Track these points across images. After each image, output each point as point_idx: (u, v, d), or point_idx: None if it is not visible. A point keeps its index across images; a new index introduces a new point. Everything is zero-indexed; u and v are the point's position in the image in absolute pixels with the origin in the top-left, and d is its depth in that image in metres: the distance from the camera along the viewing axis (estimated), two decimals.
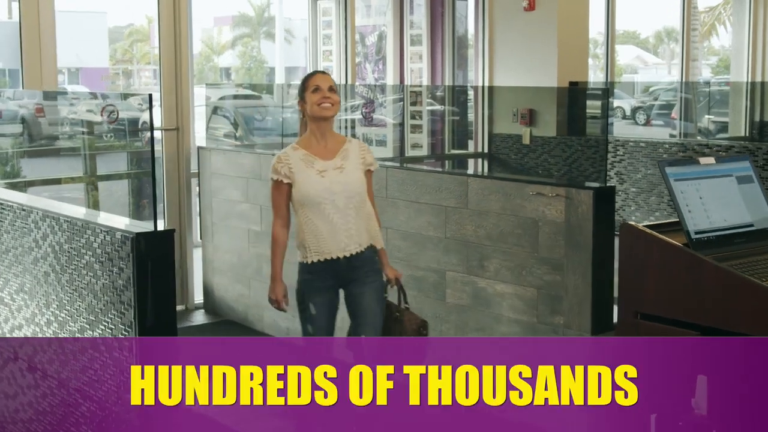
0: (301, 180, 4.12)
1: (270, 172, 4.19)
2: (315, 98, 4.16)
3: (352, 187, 4.16)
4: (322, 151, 4.19)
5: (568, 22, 8.41)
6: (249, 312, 6.96)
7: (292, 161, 4.15)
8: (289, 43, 18.49)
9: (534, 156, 7.96)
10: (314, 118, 4.19)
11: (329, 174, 4.15)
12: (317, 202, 4.11)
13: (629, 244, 2.99)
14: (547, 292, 4.94)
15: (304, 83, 4.23)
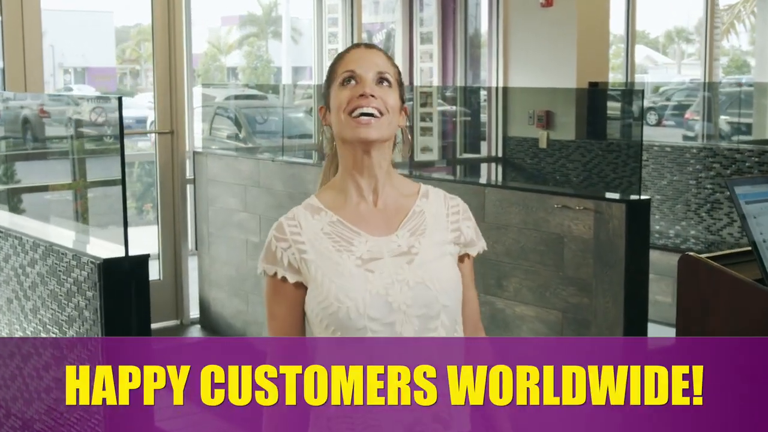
0: (327, 280, 2.04)
1: (262, 255, 2.13)
2: (344, 98, 2.08)
3: (435, 298, 2.04)
4: (369, 216, 2.11)
5: (588, 20, 7.98)
6: (248, 329, 6.50)
7: (306, 236, 2.08)
8: (296, 42, 18.12)
9: (551, 161, 7.53)
10: (346, 143, 2.09)
11: (386, 267, 2.05)
12: (359, 327, 2.01)
13: (690, 280, 2.51)
14: (573, 316, 4.46)
15: (332, 69, 2.15)
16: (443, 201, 2.17)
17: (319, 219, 2.10)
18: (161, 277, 6.93)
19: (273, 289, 2.12)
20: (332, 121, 2.10)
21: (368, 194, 2.11)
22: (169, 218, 6.97)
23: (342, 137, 2.08)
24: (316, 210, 2.11)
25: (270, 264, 2.10)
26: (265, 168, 6.29)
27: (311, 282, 2.06)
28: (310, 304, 2.07)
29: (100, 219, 5.57)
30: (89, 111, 6.21)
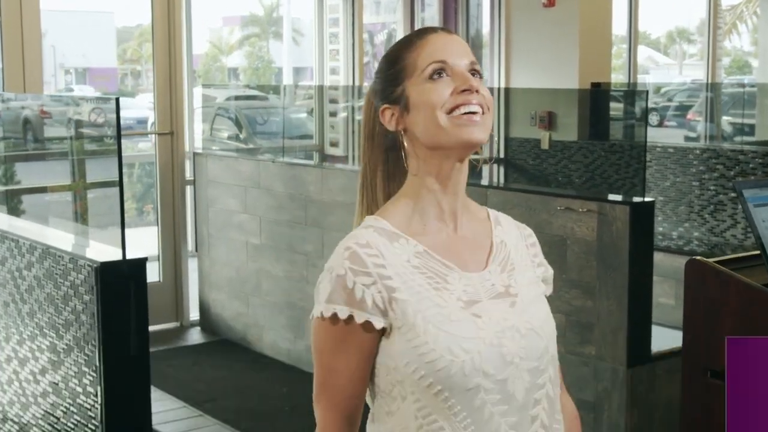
0: (432, 326, 1.64)
1: (324, 295, 1.68)
2: (442, 93, 1.69)
3: (546, 348, 1.74)
4: (453, 246, 1.75)
5: (590, 20, 7.93)
6: (248, 331, 6.46)
7: (393, 269, 1.67)
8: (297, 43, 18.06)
9: (553, 162, 7.48)
10: (438, 150, 1.71)
11: (490, 312, 1.70)
12: (470, 387, 1.64)
13: (697, 284, 2.46)
14: (576, 319, 4.41)
15: (402, 60, 1.74)
16: (517, 229, 1.86)
17: (401, 248, 1.68)
18: (161, 279, 6.89)
19: (340, 338, 1.66)
20: (417, 123, 1.69)
21: (449, 218, 1.73)
22: (168, 219, 6.93)
23: (437, 142, 1.68)
24: (392, 236, 1.69)
25: (343, 305, 1.64)
26: (266, 169, 6.24)
27: (404, 328, 1.63)
28: (403, 357, 1.63)
29: (99, 220, 5.52)
30: (89, 111, 6.17)
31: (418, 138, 1.70)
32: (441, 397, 1.62)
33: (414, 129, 1.70)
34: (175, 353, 6.34)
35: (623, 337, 4.23)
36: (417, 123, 1.69)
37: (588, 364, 4.38)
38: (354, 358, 1.67)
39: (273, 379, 5.76)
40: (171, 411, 5.25)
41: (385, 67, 1.76)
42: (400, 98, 1.71)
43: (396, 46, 1.77)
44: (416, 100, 1.69)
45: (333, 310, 1.64)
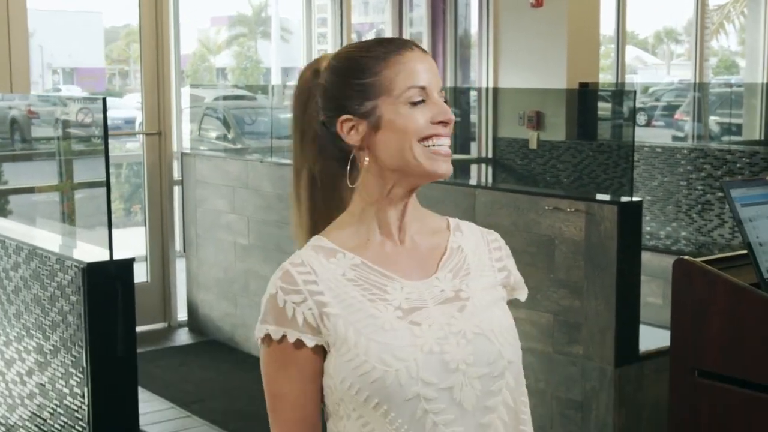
0: (364, 338, 1.60)
1: (261, 316, 1.65)
2: (421, 122, 1.64)
3: (499, 353, 1.67)
4: (397, 256, 1.70)
5: (578, 20, 7.94)
6: (236, 332, 6.44)
7: (324, 285, 1.64)
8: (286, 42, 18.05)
9: (542, 161, 7.49)
10: (398, 173, 1.66)
11: (433, 318, 1.65)
12: (409, 396, 1.58)
13: (685, 284, 2.46)
14: (564, 319, 4.42)
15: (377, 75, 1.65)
16: (480, 235, 1.79)
17: (337, 262, 1.64)
18: (149, 280, 6.87)
19: (280, 360, 1.62)
20: (386, 145, 1.63)
21: (395, 231, 1.68)
22: (156, 220, 6.91)
23: (402, 168, 1.63)
24: (329, 252, 1.65)
25: (277, 325, 1.61)
26: (254, 169, 6.23)
27: (338, 343, 1.60)
28: (339, 373, 1.59)
29: (87, 220, 5.50)
30: (76, 112, 6.15)
31: (380, 158, 1.64)
32: (380, 410, 1.57)
33: (380, 149, 1.64)
34: (163, 354, 6.32)
35: (611, 336, 4.23)
36: (387, 145, 1.63)
37: (576, 363, 4.38)
38: (296, 381, 1.63)
39: (261, 379, 5.74)
40: (159, 412, 5.23)
41: (349, 73, 1.66)
42: (370, 115, 1.63)
43: (364, 54, 1.67)
44: (391, 122, 1.62)
45: (266, 330, 1.61)
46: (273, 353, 1.62)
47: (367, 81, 1.64)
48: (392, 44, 1.67)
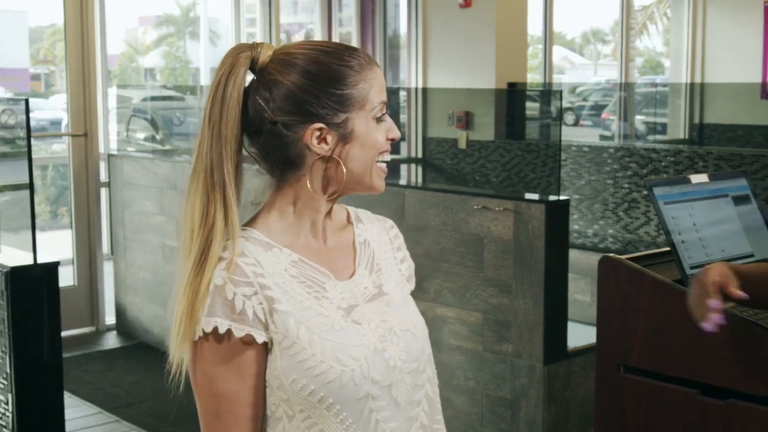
0: (317, 336, 1.58)
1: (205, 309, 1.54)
2: (382, 139, 1.66)
3: (422, 348, 1.70)
4: (323, 255, 1.69)
5: (507, 20, 8.00)
6: (166, 335, 6.36)
7: (271, 279, 1.59)
8: (215, 43, 17.93)
9: (471, 161, 7.54)
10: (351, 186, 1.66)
11: (369, 316, 1.66)
12: (360, 396, 1.59)
13: (610, 281, 2.49)
14: (494, 317, 4.45)
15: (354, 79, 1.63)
16: (379, 224, 1.79)
17: (275, 257, 1.60)
18: (76, 283, 6.77)
19: (227, 356, 1.53)
20: (354, 158, 1.62)
21: (320, 234, 1.67)
22: (83, 222, 6.81)
23: (358, 180, 1.64)
24: (265, 245, 1.60)
25: (223, 318, 1.52)
26: (183, 170, 6.17)
27: (287, 342, 1.55)
28: (289, 373, 1.54)
29: (11, 224, 5.40)
30: (0, 113, 6.04)
31: (342, 170, 1.61)
32: (333, 410, 1.56)
33: (347, 161, 1.61)
34: (91, 358, 6.24)
35: (540, 334, 4.28)
36: (354, 158, 1.62)
37: (505, 361, 4.41)
38: (247, 378, 1.56)
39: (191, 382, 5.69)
40: (86, 417, 5.16)
41: (325, 81, 1.61)
42: (342, 126, 1.61)
43: (339, 63, 1.63)
44: (362, 137, 1.62)
45: (214, 323, 1.52)
46: (219, 350, 1.53)
47: (345, 92, 1.61)
48: (361, 56, 1.65)
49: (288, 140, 1.61)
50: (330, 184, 1.64)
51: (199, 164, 1.63)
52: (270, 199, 1.67)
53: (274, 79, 1.61)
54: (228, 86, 1.60)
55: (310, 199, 1.64)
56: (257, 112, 1.61)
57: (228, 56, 1.63)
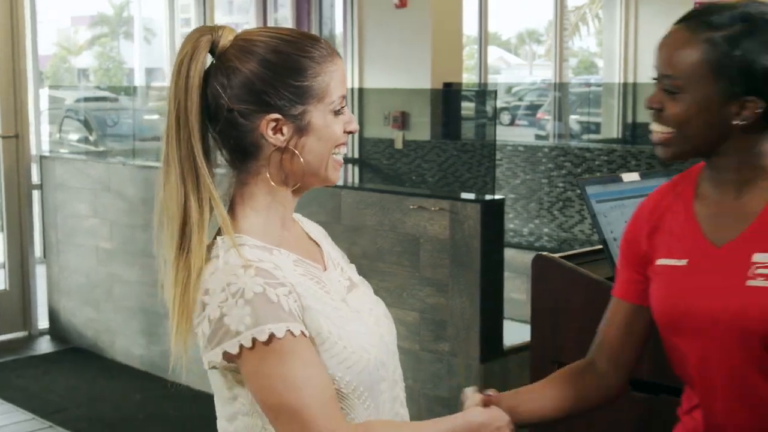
0: (340, 330, 1.61)
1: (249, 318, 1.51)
2: (340, 132, 1.66)
3: (393, 325, 1.79)
4: (302, 249, 1.71)
5: (442, 21, 8.04)
6: (100, 338, 6.30)
7: (292, 278, 1.58)
8: (149, 43, 17.77)
9: (407, 161, 7.56)
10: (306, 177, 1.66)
11: (360, 304, 1.72)
12: (378, 380, 1.66)
13: (544, 279, 2.51)
14: (430, 316, 4.46)
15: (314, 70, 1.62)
16: (311, 223, 1.83)
17: (280, 258, 1.59)
18: (7, 287, 6.65)
19: (290, 353, 1.51)
20: (311, 150, 1.61)
21: (288, 227, 1.68)
22: (15, 225, 6.70)
23: (314, 173, 1.63)
24: (266, 249, 1.59)
25: (276, 322, 1.50)
26: (116, 172, 6.10)
27: (319, 339, 1.56)
28: (329, 372, 1.56)
29: None
30: None
31: (299, 162, 1.61)
32: (362, 398, 1.60)
33: (303, 153, 1.61)
34: (24, 363, 6.13)
35: (476, 333, 4.30)
36: (312, 150, 1.61)
37: (442, 360, 4.43)
38: (313, 363, 1.54)
39: (127, 386, 5.64)
40: (19, 423, 5.07)
41: (284, 72, 1.59)
42: (299, 118, 1.59)
43: (299, 53, 1.61)
44: (319, 129, 1.61)
45: (269, 331, 1.49)
46: (279, 351, 1.50)
47: (305, 84, 1.59)
48: (323, 47, 1.63)
49: (244, 129, 1.59)
50: (289, 177, 1.63)
51: (170, 152, 1.60)
52: (237, 195, 1.65)
53: (233, 65, 1.59)
54: (190, 70, 1.58)
55: (275, 193, 1.63)
56: (215, 98, 1.60)
57: (189, 40, 1.61)
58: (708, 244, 1.72)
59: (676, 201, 1.80)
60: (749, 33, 1.61)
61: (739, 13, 1.63)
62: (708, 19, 1.64)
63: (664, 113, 1.68)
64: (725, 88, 1.62)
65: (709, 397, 1.76)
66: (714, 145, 1.68)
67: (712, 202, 1.74)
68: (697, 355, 1.74)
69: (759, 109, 1.62)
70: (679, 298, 1.75)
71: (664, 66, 1.67)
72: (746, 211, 1.68)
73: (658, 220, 1.83)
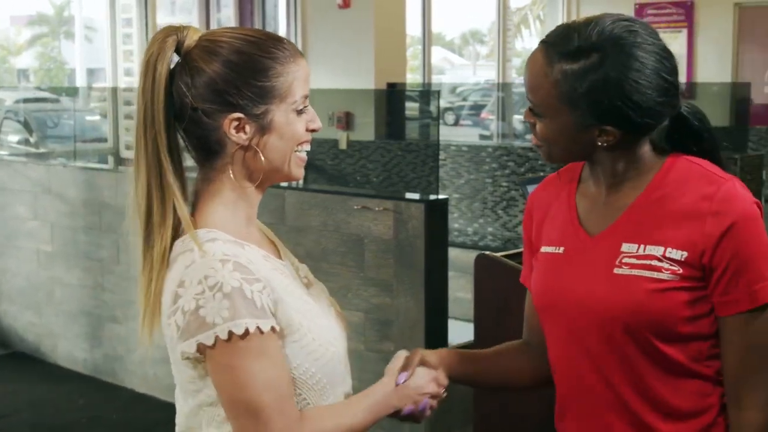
0: (309, 322, 1.66)
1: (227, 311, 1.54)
2: (302, 130, 1.69)
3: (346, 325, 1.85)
4: (265, 246, 1.75)
5: (385, 21, 8.06)
6: (42, 342, 6.22)
7: (263, 272, 1.61)
8: (91, 42, 17.57)
9: (352, 161, 7.56)
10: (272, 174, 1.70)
11: (318, 300, 1.77)
12: (339, 373, 1.73)
13: (486, 278, 2.53)
14: (375, 316, 4.47)
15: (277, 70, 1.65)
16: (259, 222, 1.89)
17: (251, 254, 1.63)
18: None
19: (260, 351, 1.56)
20: (274, 148, 1.65)
21: (252, 224, 1.73)
22: None
23: (278, 170, 1.67)
24: (238, 244, 1.62)
25: (250, 318, 1.54)
26: (57, 174, 6.03)
27: (290, 330, 1.61)
28: (292, 360, 1.62)
29: None
30: None
31: (259, 160, 1.65)
32: (324, 390, 1.66)
33: (265, 151, 1.65)
34: None
35: (421, 332, 4.31)
36: (274, 148, 1.65)
37: (387, 360, 4.41)
38: (280, 363, 1.59)
39: (69, 390, 5.57)
40: None
41: (247, 72, 1.62)
42: (261, 118, 1.63)
43: (262, 54, 1.64)
44: (281, 128, 1.65)
45: (244, 325, 1.53)
46: (250, 347, 1.54)
47: (267, 84, 1.63)
48: (286, 47, 1.67)
49: (208, 127, 1.63)
50: (253, 174, 1.67)
51: (138, 150, 1.64)
52: (205, 191, 1.68)
53: (197, 66, 1.63)
54: (157, 70, 1.62)
55: (241, 190, 1.68)
56: (180, 97, 1.64)
57: (155, 40, 1.65)
58: (584, 233, 1.78)
59: (561, 191, 1.86)
60: (598, 66, 1.64)
61: (591, 42, 1.65)
62: (562, 47, 1.67)
63: (536, 128, 1.74)
64: (581, 118, 1.67)
65: (570, 384, 1.81)
66: (584, 158, 1.76)
67: (590, 195, 1.81)
68: (563, 341, 1.80)
69: (617, 135, 1.68)
70: (553, 283, 1.81)
71: (528, 90, 1.72)
72: (618, 205, 1.75)
73: (546, 209, 1.89)
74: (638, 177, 1.74)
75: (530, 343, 1.99)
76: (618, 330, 1.69)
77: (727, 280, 1.66)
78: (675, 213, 1.69)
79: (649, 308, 1.67)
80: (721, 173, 1.72)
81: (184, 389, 1.67)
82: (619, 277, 1.69)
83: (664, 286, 1.66)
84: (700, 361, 1.71)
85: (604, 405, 1.75)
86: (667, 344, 1.69)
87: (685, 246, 1.67)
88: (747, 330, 1.68)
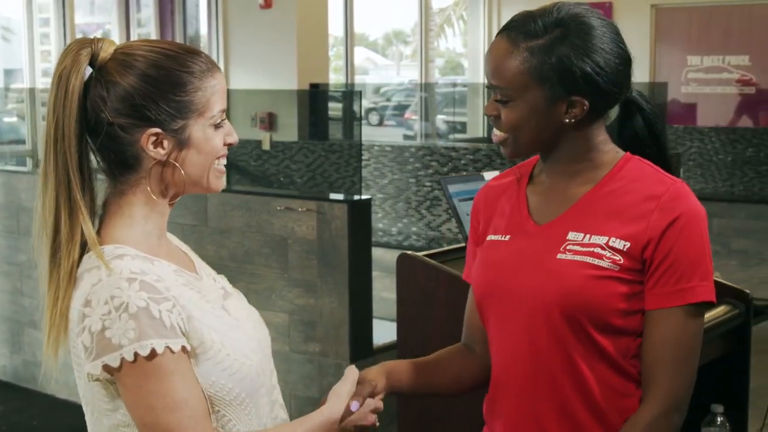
0: (224, 337, 1.63)
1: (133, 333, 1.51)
2: (219, 145, 1.68)
3: (267, 331, 1.83)
4: (177, 258, 1.73)
5: (307, 21, 8.04)
6: None
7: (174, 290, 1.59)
8: (8, 42, 17.25)
9: (275, 162, 7.53)
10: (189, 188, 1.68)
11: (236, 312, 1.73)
12: (258, 386, 1.70)
13: (409, 277, 2.54)
14: (300, 317, 4.46)
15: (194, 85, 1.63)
16: (171, 235, 1.86)
17: (161, 269, 1.60)
18: None
19: (169, 371, 1.52)
20: (192, 163, 1.63)
21: (163, 236, 1.70)
22: None
23: (196, 184, 1.66)
24: (147, 260, 1.59)
25: (158, 338, 1.51)
26: None
27: (202, 348, 1.58)
28: (208, 376, 1.59)
29: None
30: None
31: (180, 174, 1.63)
32: (244, 404, 1.64)
33: (184, 166, 1.63)
34: None
35: (345, 333, 4.32)
36: (192, 163, 1.64)
37: (312, 361, 4.44)
38: (191, 382, 1.56)
39: None
40: None
41: (163, 86, 1.60)
42: (179, 132, 1.61)
43: (179, 68, 1.62)
44: (200, 143, 1.63)
45: (150, 346, 1.50)
46: (158, 367, 1.52)
47: (185, 99, 1.61)
48: (203, 61, 1.65)
49: (124, 142, 1.61)
50: (168, 188, 1.66)
51: (47, 164, 1.60)
52: (115, 205, 1.65)
53: (113, 79, 1.60)
54: (69, 84, 1.58)
55: (154, 203, 1.65)
56: (95, 111, 1.60)
57: (68, 52, 1.61)
58: (532, 223, 1.82)
59: (511, 186, 1.90)
60: (563, 38, 1.71)
61: (553, 20, 1.73)
62: (525, 29, 1.73)
63: (501, 120, 1.77)
64: (550, 91, 1.72)
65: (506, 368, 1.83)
66: (549, 143, 1.79)
67: (543, 188, 1.84)
68: (503, 327, 1.82)
69: (585, 106, 1.73)
70: (494, 269, 1.84)
71: (492, 77, 1.76)
72: (569, 197, 1.79)
73: (494, 203, 1.92)
74: (593, 170, 1.79)
75: (470, 345, 1.99)
76: (556, 313, 1.72)
77: (661, 273, 1.71)
78: (624, 207, 1.74)
79: (585, 293, 1.70)
80: (671, 177, 1.77)
81: (98, 409, 1.63)
82: (561, 262, 1.73)
83: (603, 273, 1.70)
84: (627, 358, 1.75)
85: (536, 392, 1.77)
86: (600, 334, 1.72)
87: (629, 237, 1.71)
88: (666, 325, 1.72)
